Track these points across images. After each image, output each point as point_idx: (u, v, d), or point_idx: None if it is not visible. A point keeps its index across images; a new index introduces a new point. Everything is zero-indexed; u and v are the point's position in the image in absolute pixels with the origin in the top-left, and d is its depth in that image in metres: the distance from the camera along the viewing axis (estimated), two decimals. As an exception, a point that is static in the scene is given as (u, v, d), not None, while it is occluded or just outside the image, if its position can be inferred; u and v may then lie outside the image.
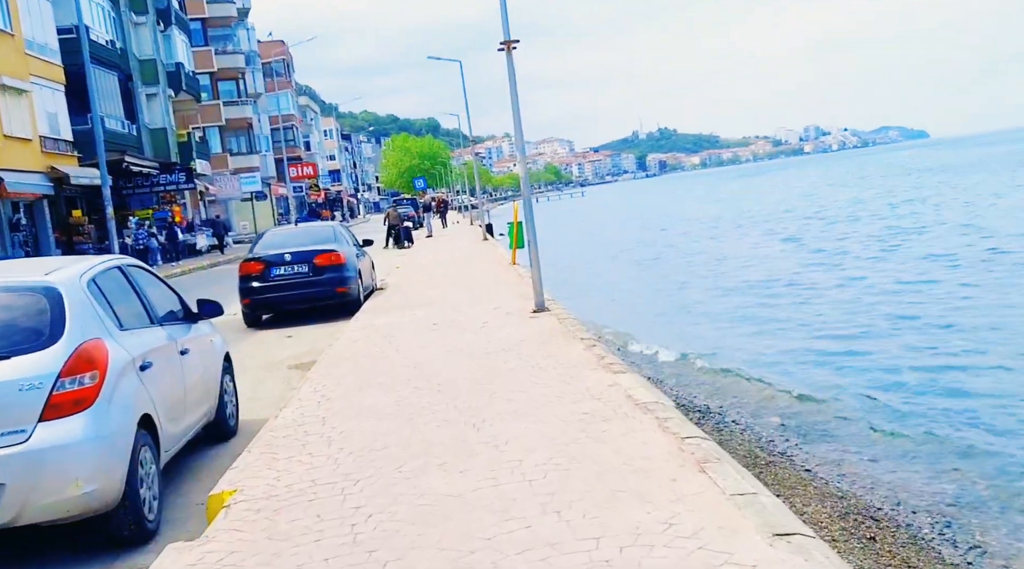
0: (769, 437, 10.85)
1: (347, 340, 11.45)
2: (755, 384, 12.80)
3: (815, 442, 10.78)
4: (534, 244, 11.88)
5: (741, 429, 11.04)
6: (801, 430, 11.10)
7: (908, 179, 75.11)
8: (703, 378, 13.43)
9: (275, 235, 17.34)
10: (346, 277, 15.80)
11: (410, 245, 35.66)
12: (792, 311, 18.24)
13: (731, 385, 12.86)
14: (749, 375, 13.30)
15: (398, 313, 13.83)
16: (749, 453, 10.05)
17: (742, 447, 10.26)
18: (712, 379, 13.39)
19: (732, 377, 13.28)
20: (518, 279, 16.94)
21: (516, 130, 11.90)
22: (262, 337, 14.71)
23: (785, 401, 12.08)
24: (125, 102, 40.65)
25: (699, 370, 13.91)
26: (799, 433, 11.00)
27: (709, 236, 40.08)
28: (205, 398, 7.30)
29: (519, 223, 20.29)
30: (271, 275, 15.57)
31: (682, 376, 13.42)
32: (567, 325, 10.53)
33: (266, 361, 12.12)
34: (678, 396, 11.62)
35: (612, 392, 6.77)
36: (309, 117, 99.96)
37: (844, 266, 24.99)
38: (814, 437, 10.90)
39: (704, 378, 13.44)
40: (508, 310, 12.53)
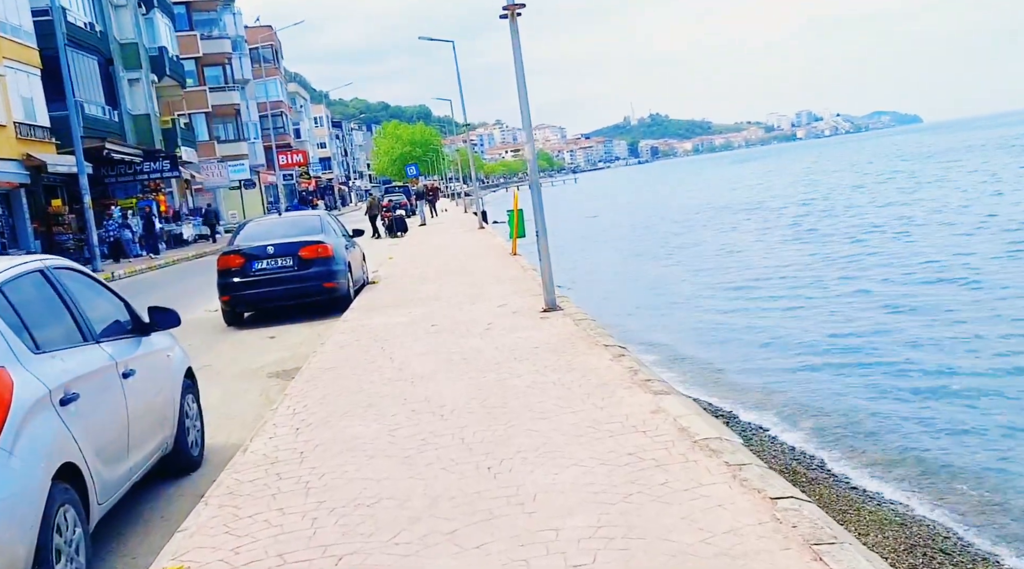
0: (803, 447, 9.58)
1: (334, 345, 10.12)
2: (779, 385, 11.48)
3: (855, 453, 9.52)
4: (543, 234, 10.54)
5: (771, 437, 9.74)
6: (839, 439, 9.82)
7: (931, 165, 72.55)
8: (721, 378, 12.12)
9: (257, 226, 15.96)
10: (334, 271, 14.47)
11: (403, 234, 34.31)
12: (817, 306, 16.85)
13: (753, 386, 11.54)
14: (771, 375, 11.99)
15: (392, 311, 12.50)
16: (787, 468, 8.79)
17: (777, 461, 9.01)
18: (733, 379, 12.09)
19: (753, 377, 11.96)
20: (521, 272, 15.62)
21: (522, 106, 10.56)
22: (242, 338, 13.38)
23: (815, 404, 10.78)
24: (106, 87, 39.09)
25: (717, 370, 12.60)
26: (836, 442, 9.72)
27: (727, 225, 37.03)
28: (159, 427, 5.99)
29: (520, 211, 18.97)
30: (252, 269, 14.23)
31: (698, 375, 12.11)
32: (585, 328, 9.22)
33: (244, 368, 10.79)
34: (698, 398, 10.34)
35: (659, 421, 5.46)
36: (299, 104, 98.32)
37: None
38: (854, 447, 9.63)
39: (723, 378, 12.12)
40: (515, 308, 11.22)
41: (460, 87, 31.41)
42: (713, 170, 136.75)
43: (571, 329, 9.20)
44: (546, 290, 10.60)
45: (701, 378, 11.72)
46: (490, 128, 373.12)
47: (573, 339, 8.64)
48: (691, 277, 21.77)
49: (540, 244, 10.56)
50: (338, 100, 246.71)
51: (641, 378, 6.68)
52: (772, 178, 78.47)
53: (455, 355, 8.50)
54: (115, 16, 41.66)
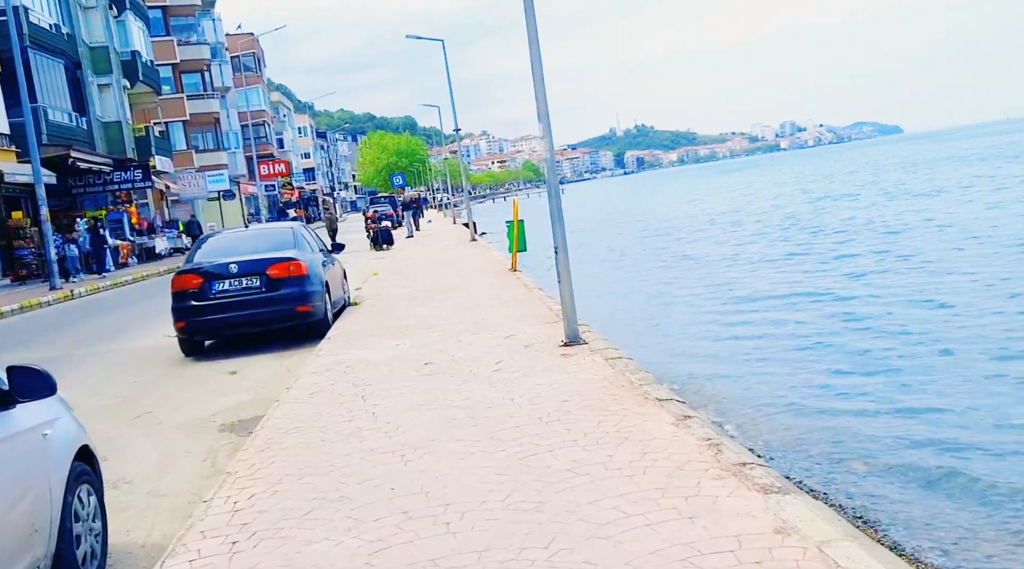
0: (862, 495, 7.49)
1: (303, 390, 8.04)
2: (821, 418, 9.38)
3: (926, 504, 7.47)
4: (563, 250, 8.50)
5: (823, 481, 7.64)
6: (900, 483, 7.72)
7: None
8: (749, 408, 9.99)
9: (219, 240, 13.84)
10: (309, 292, 12.40)
11: (389, 247, 32.24)
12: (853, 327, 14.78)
13: (791, 419, 9.43)
14: (812, 407, 9.90)
15: (376, 342, 10.43)
16: (848, 532, 6.77)
17: (839, 516, 6.98)
18: (767, 410, 10.00)
19: (788, 409, 9.83)
20: (526, 292, 13.58)
21: (537, 93, 8.55)
22: (198, 372, 11.28)
23: (866, 438, 8.67)
24: (73, 92, 36.86)
25: (752, 400, 10.49)
26: (898, 486, 7.64)
27: (729, 240, 34.78)
28: (20, 548, 3.94)
29: (520, 222, 16.95)
30: (212, 291, 12.15)
31: (728, 403, 10.02)
32: (623, 370, 7.18)
33: (192, 416, 8.69)
34: (744, 436, 8.29)
35: (794, 546, 3.45)
36: (282, 113, 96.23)
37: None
38: (921, 496, 7.56)
39: (751, 407, 9.99)
40: (526, 340, 9.17)
41: (450, 86, 29.29)
42: (703, 181, 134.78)
43: (605, 372, 7.16)
44: (567, 319, 8.56)
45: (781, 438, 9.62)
46: (476, 139, 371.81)
47: (612, 387, 6.60)
48: (703, 293, 19.78)
49: (559, 263, 8.52)
50: (323, 111, 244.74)
51: (731, 460, 4.64)
52: (771, 188, 76.77)
53: (459, 411, 6.44)
54: (84, 18, 39.47)
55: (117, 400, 9.95)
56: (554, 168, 8.61)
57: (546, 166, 8.59)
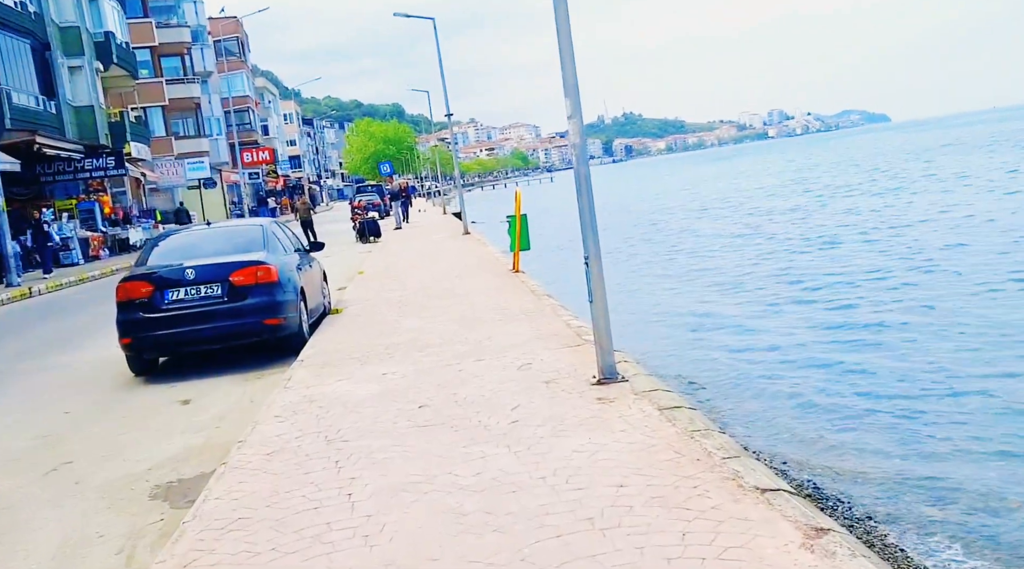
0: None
1: (259, 448, 6.14)
2: (904, 463, 7.47)
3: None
4: (596, 257, 6.61)
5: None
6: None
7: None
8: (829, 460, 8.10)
9: (176, 240, 11.85)
10: (280, 303, 10.50)
11: (376, 239, 30.29)
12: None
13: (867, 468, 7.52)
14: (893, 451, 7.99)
15: (359, 369, 8.52)
16: None
17: None
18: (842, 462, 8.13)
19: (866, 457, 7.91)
20: (535, 301, 11.68)
21: (564, 55, 6.66)
22: (143, 400, 9.37)
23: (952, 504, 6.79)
24: (41, 75, 34.67)
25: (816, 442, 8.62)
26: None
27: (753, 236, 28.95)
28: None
29: (523, 216, 15.03)
30: (165, 301, 10.23)
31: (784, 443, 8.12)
32: (687, 428, 5.31)
33: (122, 471, 6.79)
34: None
35: None
36: (267, 100, 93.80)
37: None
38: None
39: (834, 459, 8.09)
40: (547, 371, 7.30)
41: (441, 66, 27.12)
42: (700, 169, 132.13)
43: (665, 432, 5.28)
44: (601, 348, 6.68)
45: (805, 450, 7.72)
46: (464, 127, 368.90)
47: (683, 461, 4.73)
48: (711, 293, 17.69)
49: (591, 278, 6.61)
50: (310, 98, 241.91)
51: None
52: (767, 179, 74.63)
53: (469, 499, 4.55)
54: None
55: (36, 441, 8.04)
56: (585, 154, 6.69)
57: (575, 151, 6.67)
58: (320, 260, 13.78)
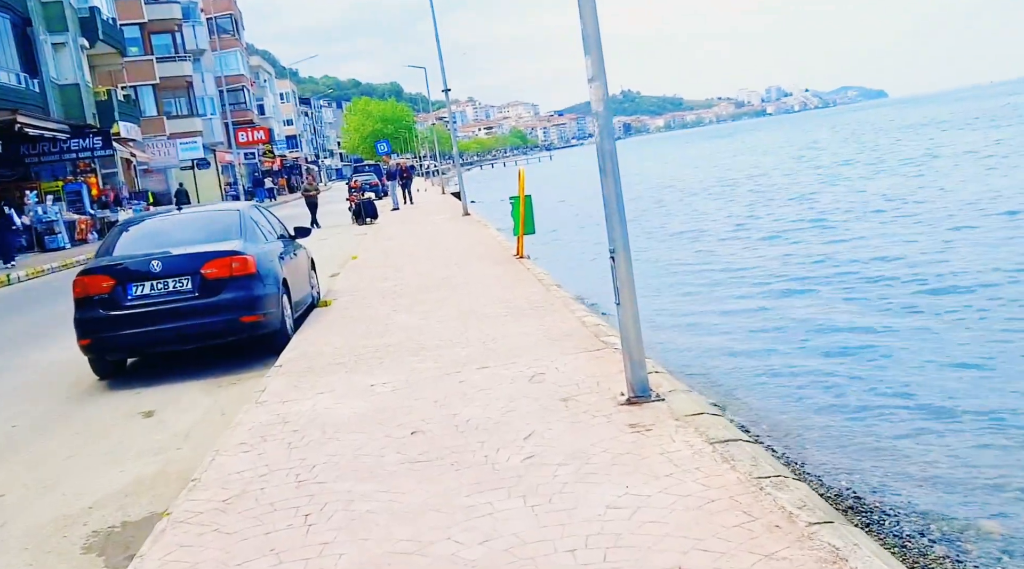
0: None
1: (214, 491, 4.99)
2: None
3: None
4: (624, 250, 5.45)
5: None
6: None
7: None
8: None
9: (144, 228, 10.64)
10: (258, 297, 9.34)
11: (373, 221, 29.08)
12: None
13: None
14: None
15: (344, 378, 7.37)
16: None
17: None
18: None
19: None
20: (542, 291, 10.50)
21: (584, 4, 5.47)
22: (101, 412, 8.22)
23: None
24: (22, 51, 33.38)
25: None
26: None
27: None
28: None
29: (528, 197, 13.84)
30: (128, 296, 9.08)
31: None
32: (751, 473, 4.17)
33: (57, 511, 5.66)
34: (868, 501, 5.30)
35: None
36: (263, 79, 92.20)
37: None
38: None
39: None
40: (563, 384, 6.15)
41: (437, 39, 25.64)
42: (700, 146, 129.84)
43: (724, 479, 4.13)
44: (631, 360, 5.52)
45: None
46: (463, 105, 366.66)
47: (755, 529, 3.59)
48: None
49: (618, 274, 5.45)
50: (308, 78, 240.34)
51: None
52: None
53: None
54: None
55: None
56: (610, 125, 5.50)
57: (598, 122, 5.49)
58: (308, 247, 12.62)
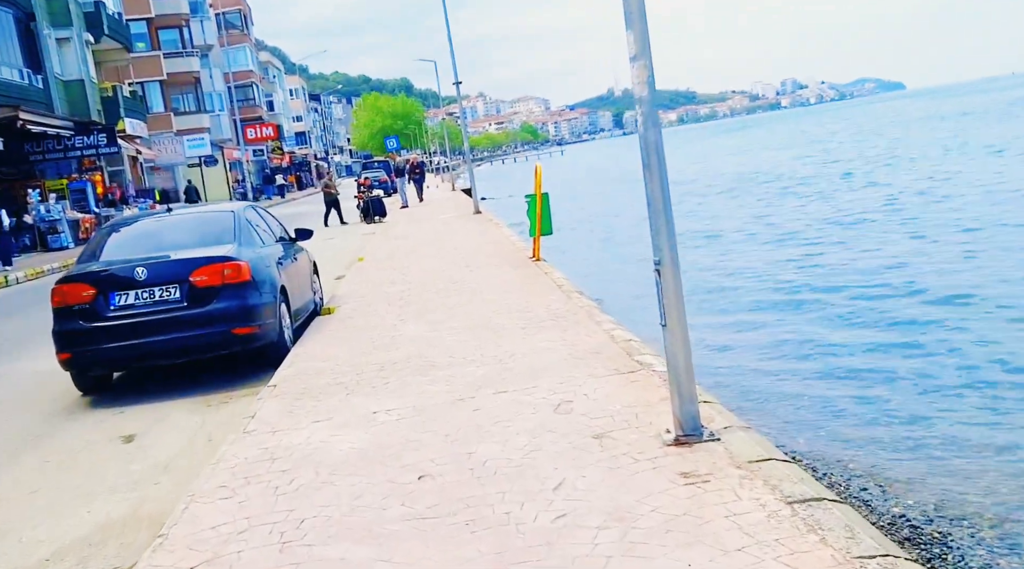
0: None
1: (179, 554, 4.19)
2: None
3: None
4: (673, 265, 4.61)
5: None
6: None
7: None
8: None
9: (131, 231, 9.82)
10: (253, 307, 8.53)
11: (381, 219, 28.26)
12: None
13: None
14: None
15: (344, 402, 6.56)
16: None
17: None
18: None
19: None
20: (563, 298, 9.66)
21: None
22: (77, 435, 7.44)
23: None
24: (25, 47, 32.69)
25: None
26: None
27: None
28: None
29: (545, 196, 13.00)
30: (110, 306, 8.29)
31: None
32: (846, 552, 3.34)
33: (8, 565, 4.89)
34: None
35: None
36: (272, 75, 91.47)
37: None
38: None
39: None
40: (595, 417, 5.31)
41: (447, 26, 24.80)
42: (715, 141, 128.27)
43: (814, 555, 3.30)
44: (681, 394, 4.67)
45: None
46: (473, 100, 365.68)
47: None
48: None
49: (664, 289, 4.61)
50: (318, 74, 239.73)
51: None
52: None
53: None
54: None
55: (-79, 504, 6.12)
56: (654, 112, 4.67)
57: (641, 109, 4.65)
58: (312, 248, 11.82)
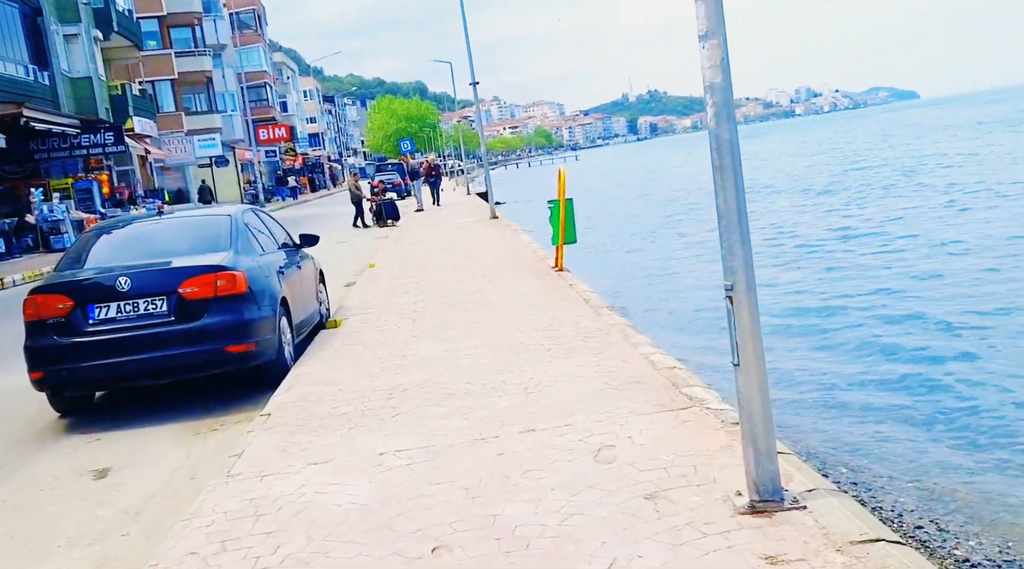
0: None
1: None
2: None
3: None
4: (750, 291, 3.70)
5: None
6: None
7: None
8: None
9: (113, 238, 8.93)
10: (249, 322, 7.63)
11: (395, 223, 27.41)
12: None
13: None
14: None
15: (345, 441, 5.64)
16: None
17: None
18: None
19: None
20: (591, 315, 8.73)
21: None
22: (44, 469, 6.55)
23: None
24: (32, 42, 32.01)
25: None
26: None
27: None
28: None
29: (569, 201, 12.07)
30: (89, 320, 7.42)
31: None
32: None
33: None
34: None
35: None
36: (285, 76, 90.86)
37: None
38: None
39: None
40: (644, 469, 4.39)
41: (464, 24, 23.86)
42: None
43: None
44: (757, 450, 3.75)
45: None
46: (487, 105, 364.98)
47: None
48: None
49: (736, 321, 3.70)
50: (333, 76, 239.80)
51: None
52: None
53: None
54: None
55: None
56: (730, 102, 3.74)
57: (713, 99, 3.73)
58: (317, 256, 10.95)
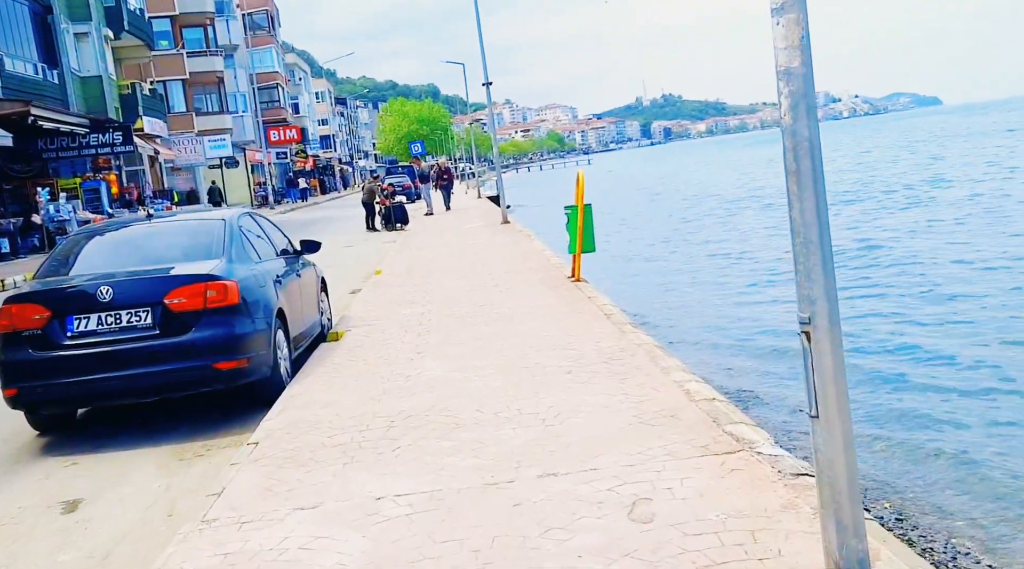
0: None
1: None
2: None
3: None
4: (832, 327, 3.03)
5: None
6: None
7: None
8: None
9: (98, 243, 8.29)
10: (241, 336, 7.00)
11: (404, 227, 26.80)
12: None
13: None
14: None
15: (338, 479, 4.99)
16: None
17: None
18: None
19: None
20: (614, 332, 8.05)
21: None
22: (9, 499, 5.94)
23: None
24: (41, 40, 31.59)
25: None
26: None
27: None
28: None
29: (587, 208, 11.40)
30: (67, 332, 6.80)
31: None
32: None
33: None
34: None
35: None
36: (298, 77, 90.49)
37: None
38: None
39: None
40: (690, 534, 3.74)
41: (478, 19, 23.19)
42: (747, 153, 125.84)
43: None
44: (839, 523, 3.08)
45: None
46: (500, 107, 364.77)
47: None
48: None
49: (813, 362, 3.04)
50: (345, 78, 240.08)
51: None
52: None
53: None
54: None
55: None
56: (811, 94, 3.09)
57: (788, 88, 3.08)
58: (319, 263, 10.32)
